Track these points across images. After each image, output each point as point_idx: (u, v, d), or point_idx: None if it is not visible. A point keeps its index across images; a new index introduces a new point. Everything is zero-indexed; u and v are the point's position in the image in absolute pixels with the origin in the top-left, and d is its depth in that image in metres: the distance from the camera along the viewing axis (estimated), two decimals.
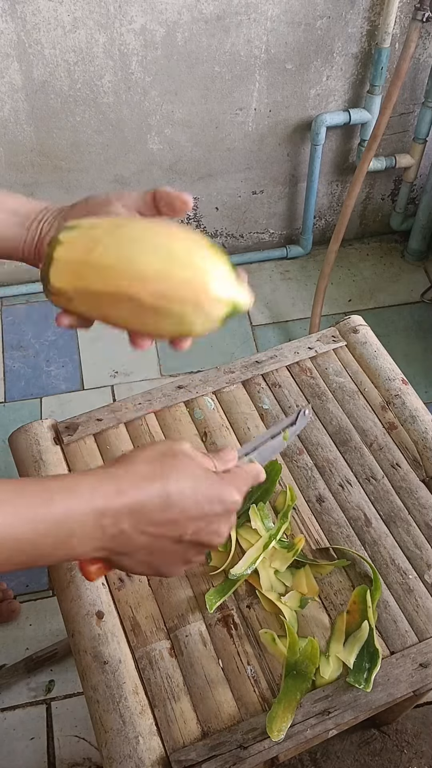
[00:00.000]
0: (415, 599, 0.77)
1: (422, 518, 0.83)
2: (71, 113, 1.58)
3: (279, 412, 0.93)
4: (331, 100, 1.70)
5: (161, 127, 1.65)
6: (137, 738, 0.68)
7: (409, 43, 1.46)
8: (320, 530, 0.82)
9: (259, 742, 0.68)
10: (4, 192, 0.60)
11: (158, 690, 0.71)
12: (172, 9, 1.45)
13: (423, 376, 1.79)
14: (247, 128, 1.70)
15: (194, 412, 0.92)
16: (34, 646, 1.36)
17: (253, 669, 0.73)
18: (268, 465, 0.81)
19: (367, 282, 1.99)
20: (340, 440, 0.90)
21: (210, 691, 0.71)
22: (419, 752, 1.25)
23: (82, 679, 0.72)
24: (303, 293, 1.95)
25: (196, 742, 0.68)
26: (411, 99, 1.74)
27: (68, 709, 1.30)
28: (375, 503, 0.85)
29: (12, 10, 1.39)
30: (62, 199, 1.74)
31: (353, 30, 1.57)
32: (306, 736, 0.68)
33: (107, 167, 1.71)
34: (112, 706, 0.70)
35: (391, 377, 0.96)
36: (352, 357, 0.99)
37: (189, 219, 1.89)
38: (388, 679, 0.72)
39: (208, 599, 0.75)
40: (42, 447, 0.87)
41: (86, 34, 1.45)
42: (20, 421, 0.92)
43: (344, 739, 1.26)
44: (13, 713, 1.30)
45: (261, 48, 1.55)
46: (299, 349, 0.98)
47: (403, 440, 0.90)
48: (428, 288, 1.96)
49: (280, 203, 1.92)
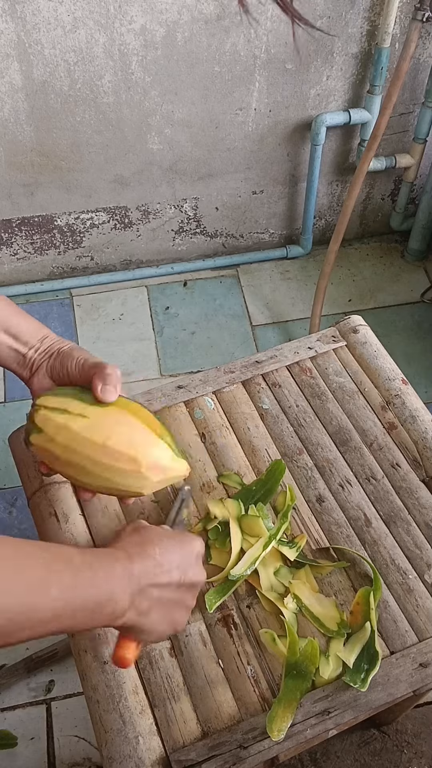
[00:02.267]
0: (415, 599, 0.77)
1: (422, 518, 0.83)
2: (71, 113, 1.58)
3: (279, 411, 0.93)
4: (331, 100, 1.70)
5: (161, 127, 1.65)
6: (137, 738, 0.68)
7: (409, 43, 1.46)
8: (320, 530, 0.82)
9: (259, 742, 0.67)
10: (11, 310, 0.72)
11: (158, 690, 0.71)
12: (172, 9, 1.45)
13: (423, 376, 1.79)
14: (247, 128, 1.70)
15: (194, 412, 0.92)
16: (34, 646, 1.36)
17: (253, 669, 0.72)
18: (272, 464, 0.86)
19: (367, 282, 1.99)
20: (340, 440, 0.90)
21: (210, 691, 0.71)
22: (419, 752, 1.25)
23: (82, 679, 0.72)
24: (303, 293, 1.95)
25: (196, 742, 0.68)
26: (411, 99, 1.74)
27: (68, 709, 1.30)
28: (375, 503, 0.85)
29: (12, 10, 1.39)
30: (62, 198, 1.74)
31: (353, 30, 1.57)
32: (306, 736, 0.68)
33: (107, 167, 1.71)
34: (112, 706, 0.70)
35: (391, 377, 0.96)
36: (352, 357, 0.99)
37: (189, 219, 1.89)
38: (388, 679, 0.72)
39: (207, 599, 0.75)
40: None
41: (86, 34, 1.45)
42: (20, 421, 0.92)
43: (344, 739, 1.26)
44: (13, 713, 1.30)
45: (261, 48, 1.55)
46: (299, 349, 0.98)
47: (403, 440, 0.90)
48: (428, 288, 1.96)
49: (280, 203, 1.92)
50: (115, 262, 1.95)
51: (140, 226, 1.88)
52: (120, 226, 1.86)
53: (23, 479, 0.86)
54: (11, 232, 1.80)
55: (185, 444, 0.89)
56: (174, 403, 0.93)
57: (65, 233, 1.84)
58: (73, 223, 1.82)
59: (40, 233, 1.82)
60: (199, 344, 1.84)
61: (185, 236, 1.94)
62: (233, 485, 0.85)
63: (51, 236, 1.84)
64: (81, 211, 1.80)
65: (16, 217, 1.78)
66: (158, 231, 1.91)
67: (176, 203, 1.85)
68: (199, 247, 1.98)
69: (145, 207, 1.83)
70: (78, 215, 1.81)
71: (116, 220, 1.84)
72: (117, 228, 1.87)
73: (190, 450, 0.89)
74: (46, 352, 0.72)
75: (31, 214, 1.78)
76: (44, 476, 0.79)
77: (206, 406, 0.93)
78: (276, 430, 0.91)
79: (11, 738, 1.27)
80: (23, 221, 1.79)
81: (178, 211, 1.87)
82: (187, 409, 0.93)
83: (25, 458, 0.87)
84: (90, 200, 1.78)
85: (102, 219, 1.83)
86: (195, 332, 1.86)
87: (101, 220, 1.83)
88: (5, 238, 1.81)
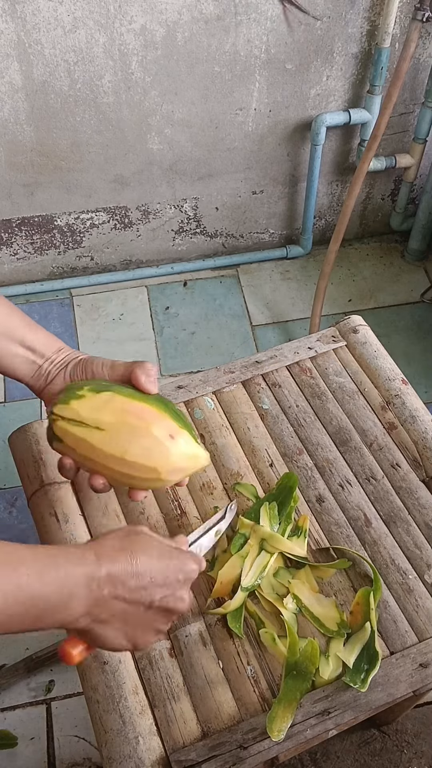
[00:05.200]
0: (415, 599, 0.77)
1: (422, 518, 0.83)
2: (71, 113, 1.58)
3: (279, 411, 0.92)
4: (331, 100, 1.70)
5: (161, 127, 1.65)
6: (137, 738, 0.68)
7: (409, 43, 1.46)
8: (320, 530, 0.82)
9: (259, 743, 0.67)
10: (26, 323, 0.73)
11: (158, 690, 0.71)
12: (172, 9, 1.45)
13: (423, 376, 1.79)
14: (247, 128, 1.70)
15: (194, 412, 0.92)
16: (34, 646, 1.36)
17: (253, 669, 0.72)
18: (284, 477, 0.84)
19: (367, 282, 1.99)
20: (340, 440, 0.90)
21: (210, 691, 0.71)
22: (419, 752, 1.25)
23: (82, 679, 0.72)
24: (303, 293, 1.95)
25: (196, 742, 0.68)
26: (411, 99, 1.74)
27: (68, 709, 1.30)
28: (375, 503, 0.85)
29: (12, 10, 1.39)
30: (62, 198, 1.74)
31: (353, 30, 1.57)
32: (306, 736, 0.68)
33: (107, 167, 1.71)
34: (112, 706, 0.70)
35: (391, 377, 0.95)
36: (352, 357, 0.99)
37: (189, 219, 1.89)
38: (388, 680, 0.72)
39: (233, 627, 0.74)
40: (42, 447, 0.87)
41: (86, 34, 1.45)
42: (20, 421, 0.92)
43: (344, 739, 1.25)
44: (13, 713, 1.30)
45: (261, 48, 1.55)
46: (299, 349, 0.98)
47: (403, 440, 0.90)
48: (428, 288, 1.96)
49: (280, 203, 1.92)
50: (115, 262, 1.95)
51: (140, 226, 1.88)
52: (120, 226, 1.86)
53: (23, 479, 0.86)
54: (11, 232, 1.80)
55: None
56: (174, 404, 0.92)
57: (65, 233, 1.84)
58: (73, 223, 1.82)
59: (40, 233, 1.82)
60: (199, 344, 1.84)
61: (185, 236, 1.94)
62: (248, 496, 0.84)
63: (51, 236, 1.84)
64: (81, 211, 1.80)
65: (16, 217, 1.78)
66: (158, 231, 1.91)
67: (176, 203, 1.85)
68: (199, 247, 1.98)
69: (145, 207, 1.83)
70: (78, 215, 1.81)
71: (116, 220, 1.84)
72: (117, 228, 1.87)
73: None
74: (63, 363, 0.74)
75: (31, 214, 1.78)
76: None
77: (206, 406, 0.93)
78: (276, 430, 0.91)
79: (11, 738, 1.27)
80: (23, 221, 1.79)
81: (178, 211, 1.87)
82: (187, 409, 0.93)
83: (25, 458, 0.87)
84: (90, 200, 1.78)
85: (102, 219, 1.83)
86: (195, 332, 1.86)
87: (101, 220, 1.83)
88: (5, 238, 1.81)
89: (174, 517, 0.83)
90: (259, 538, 0.79)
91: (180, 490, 0.85)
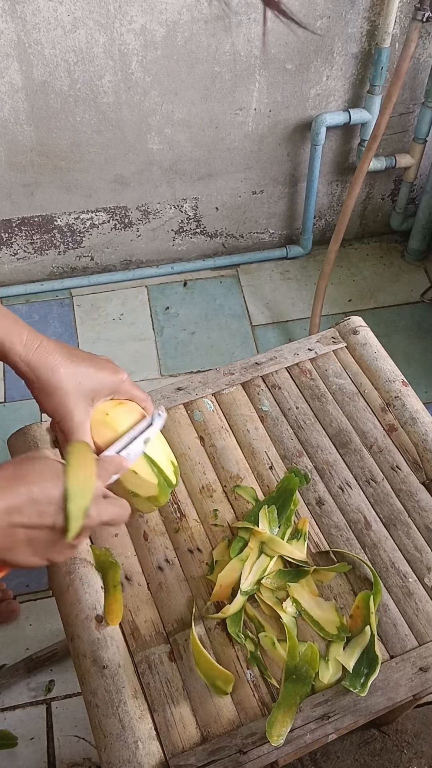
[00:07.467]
0: (415, 603, 0.77)
1: (422, 521, 0.83)
2: (71, 113, 1.58)
3: (278, 413, 0.92)
4: (331, 100, 1.70)
5: (161, 127, 1.65)
6: (136, 743, 0.68)
7: (409, 43, 1.46)
8: (320, 533, 0.82)
9: (258, 747, 0.67)
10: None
11: (158, 694, 0.71)
12: (172, 9, 1.44)
13: (423, 376, 1.78)
14: (247, 128, 1.70)
15: (194, 414, 0.92)
16: (34, 646, 1.36)
17: (253, 673, 0.72)
18: (284, 479, 0.83)
19: (367, 282, 1.99)
20: (340, 442, 0.90)
21: (209, 695, 0.71)
22: (419, 752, 1.25)
23: (82, 683, 0.72)
24: (303, 293, 1.95)
25: (195, 746, 0.68)
26: (411, 99, 1.74)
27: (68, 709, 1.30)
28: (375, 506, 0.84)
29: (12, 10, 1.39)
30: (62, 198, 1.74)
31: (353, 30, 1.57)
32: (305, 740, 0.68)
33: (107, 167, 1.71)
34: (111, 710, 0.69)
35: (391, 379, 0.95)
36: (351, 358, 0.98)
37: (189, 219, 1.89)
38: (388, 684, 0.72)
39: (234, 634, 0.74)
40: (41, 449, 0.87)
41: (86, 34, 1.45)
42: (20, 422, 0.92)
43: (344, 740, 1.26)
44: (13, 713, 1.30)
45: (261, 48, 1.55)
46: (299, 350, 0.98)
47: (403, 442, 0.90)
48: (428, 288, 1.96)
49: (280, 203, 1.92)
50: (115, 262, 1.95)
51: (140, 226, 1.87)
52: (120, 226, 1.86)
53: None
54: (11, 232, 1.80)
55: (184, 446, 0.89)
56: (173, 405, 0.92)
57: (65, 233, 1.84)
58: (73, 223, 1.82)
59: (40, 233, 1.82)
60: (199, 344, 1.84)
61: (185, 236, 1.94)
62: (248, 499, 0.84)
63: (51, 236, 1.84)
64: (81, 211, 1.80)
65: (16, 217, 1.77)
66: (158, 231, 1.90)
67: (176, 203, 1.84)
68: (199, 247, 1.98)
69: (145, 207, 1.83)
70: (78, 215, 1.81)
71: (116, 220, 1.84)
72: (117, 228, 1.86)
73: (190, 452, 0.88)
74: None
75: (31, 214, 1.78)
76: None
77: (206, 408, 0.92)
78: (276, 432, 0.91)
79: (11, 738, 1.27)
80: (23, 221, 1.79)
81: (178, 211, 1.87)
82: (186, 411, 0.92)
83: None
84: (90, 200, 1.78)
85: (102, 219, 1.83)
86: (195, 332, 1.86)
87: (101, 220, 1.83)
88: (5, 238, 1.81)
89: (173, 519, 0.83)
90: (259, 542, 0.78)
91: (179, 493, 0.85)
